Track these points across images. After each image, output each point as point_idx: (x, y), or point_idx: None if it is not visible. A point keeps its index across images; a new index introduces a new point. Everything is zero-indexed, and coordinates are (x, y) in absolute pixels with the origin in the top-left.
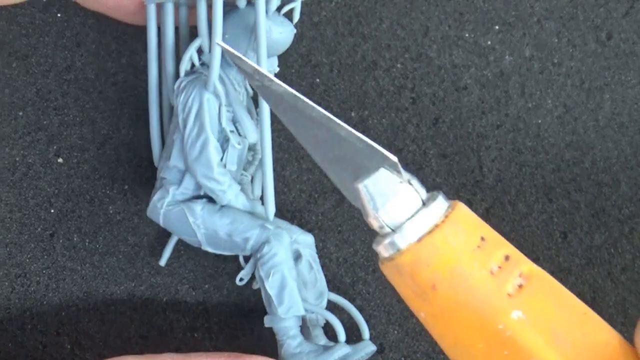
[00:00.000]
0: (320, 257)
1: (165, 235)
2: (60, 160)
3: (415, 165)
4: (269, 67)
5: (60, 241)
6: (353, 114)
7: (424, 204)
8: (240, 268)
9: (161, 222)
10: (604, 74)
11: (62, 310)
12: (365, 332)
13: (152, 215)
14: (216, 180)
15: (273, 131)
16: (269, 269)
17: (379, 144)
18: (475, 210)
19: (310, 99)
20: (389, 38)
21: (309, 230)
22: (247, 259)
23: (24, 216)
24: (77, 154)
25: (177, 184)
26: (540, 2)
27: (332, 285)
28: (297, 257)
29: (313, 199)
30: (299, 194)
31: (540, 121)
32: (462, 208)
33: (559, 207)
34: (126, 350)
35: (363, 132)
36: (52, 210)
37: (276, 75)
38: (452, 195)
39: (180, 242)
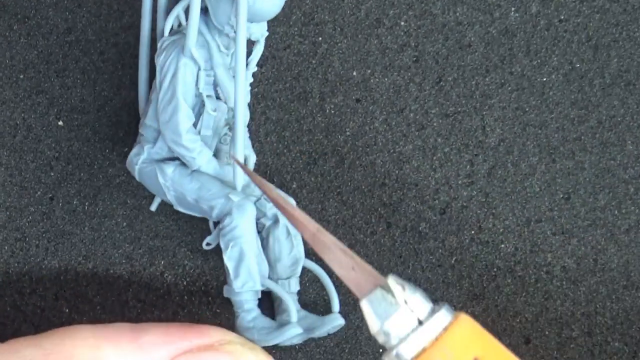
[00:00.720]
0: (318, 220)
1: None
2: (60, 123)
3: (417, 126)
4: (256, 32)
5: (60, 204)
6: (355, 73)
7: (421, 323)
8: None
9: (137, 177)
10: (612, 30)
11: (61, 274)
12: (335, 305)
13: (129, 168)
14: (185, 147)
15: (274, 91)
16: (228, 241)
17: (380, 104)
18: (477, 172)
19: (312, 58)
20: None
21: (309, 192)
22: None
23: (24, 180)
24: (77, 116)
25: (153, 142)
26: None
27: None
28: (275, 221)
29: (313, 159)
30: (299, 155)
31: (545, 79)
32: (459, 326)
33: (563, 167)
34: (124, 314)
35: (365, 92)
36: (52, 174)
37: (277, 35)
38: (455, 156)
39: None
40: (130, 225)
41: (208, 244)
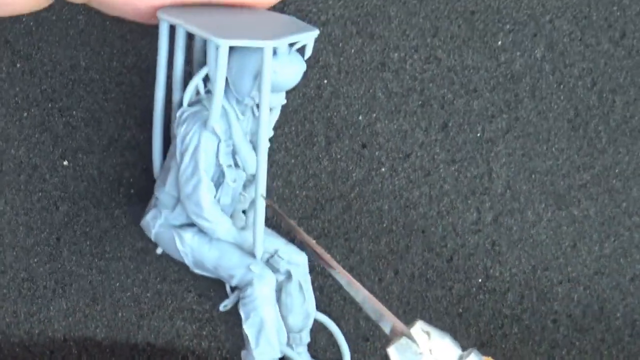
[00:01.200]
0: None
1: None
2: (65, 162)
3: (423, 172)
4: (274, 101)
5: (67, 245)
6: (360, 118)
7: None
8: None
9: (153, 239)
10: (616, 75)
11: (69, 316)
12: (347, 357)
13: (145, 230)
14: (206, 219)
15: (280, 135)
16: (249, 311)
17: (386, 150)
18: (483, 219)
19: (317, 101)
20: (398, 38)
21: (316, 238)
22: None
23: (30, 219)
24: (82, 156)
25: (171, 209)
26: (553, 0)
27: (339, 295)
28: (288, 277)
29: (320, 205)
30: (305, 200)
31: (551, 125)
32: None
33: (569, 215)
34: (133, 358)
35: (371, 137)
36: (58, 214)
37: None
38: (461, 203)
39: None
40: (137, 267)
41: (225, 306)
